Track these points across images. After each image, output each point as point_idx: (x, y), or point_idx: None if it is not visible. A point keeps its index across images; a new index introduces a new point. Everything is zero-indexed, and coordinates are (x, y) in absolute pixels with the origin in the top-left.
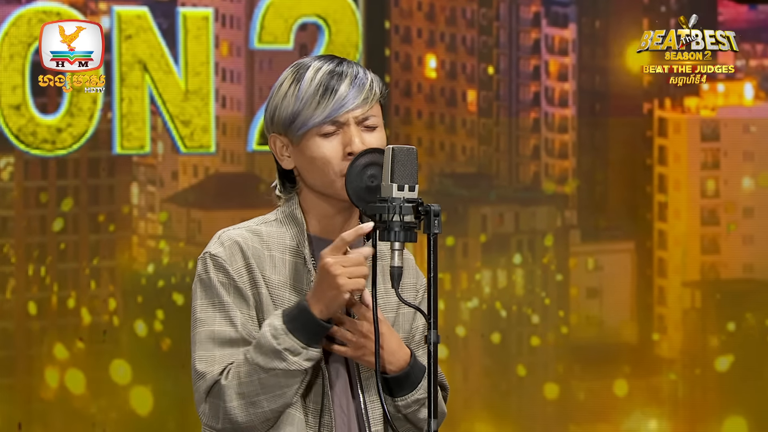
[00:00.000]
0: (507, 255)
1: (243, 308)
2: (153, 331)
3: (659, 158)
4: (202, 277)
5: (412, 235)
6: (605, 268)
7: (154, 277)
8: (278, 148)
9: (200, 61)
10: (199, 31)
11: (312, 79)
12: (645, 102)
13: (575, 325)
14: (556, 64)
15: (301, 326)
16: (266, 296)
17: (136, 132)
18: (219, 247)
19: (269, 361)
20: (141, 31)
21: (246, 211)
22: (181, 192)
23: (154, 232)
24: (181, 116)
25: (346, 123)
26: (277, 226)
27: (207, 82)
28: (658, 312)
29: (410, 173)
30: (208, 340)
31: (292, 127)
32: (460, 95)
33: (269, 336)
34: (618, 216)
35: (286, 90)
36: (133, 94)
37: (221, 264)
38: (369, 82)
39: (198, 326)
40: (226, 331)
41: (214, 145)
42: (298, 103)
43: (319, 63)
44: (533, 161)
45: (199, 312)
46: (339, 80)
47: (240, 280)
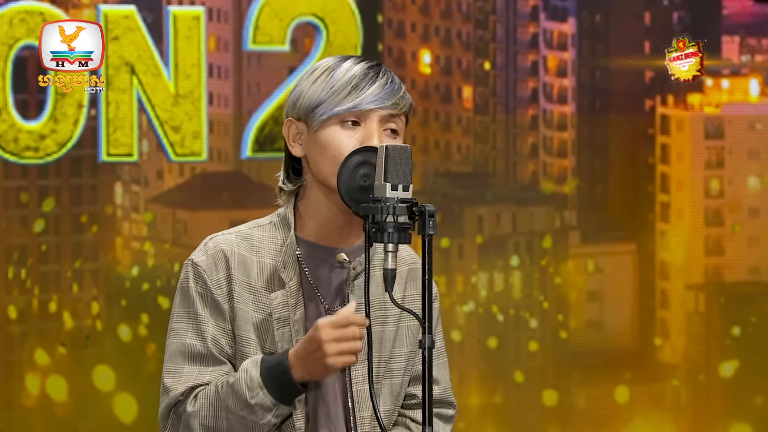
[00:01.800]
0: (504, 257)
1: (219, 321)
2: (137, 336)
3: (661, 157)
4: (183, 284)
5: (406, 237)
6: (605, 270)
7: (138, 280)
8: (292, 133)
9: (191, 62)
10: (189, 31)
11: (347, 72)
12: (647, 98)
13: (575, 330)
14: (555, 60)
15: (277, 385)
16: (243, 312)
17: (123, 138)
18: (202, 255)
19: (239, 409)
20: (128, 32)
21: (234, 212)
22: (167, 192)
23: (139, 234)
24: (170, 121)
25: (369, 118)
26: (270, 231)
27: (198, 85)
28: (661, 316)
29: (404, 172)
30: (177, 352)
31: (315, 112)
32: (456, 91)
33: (244, 386)
34: (619, 216)
35: (318, 76)
36: (120, 97)
37: (200, 274)
38: (403, 91)
39: (171, 336)
40: (196, 346)
41: (206, 152)
42: (327, 91)
43: (356, 60)
44: (531, 160)
45: (174, 321)
46: (375, 78)
47: (217, 293)
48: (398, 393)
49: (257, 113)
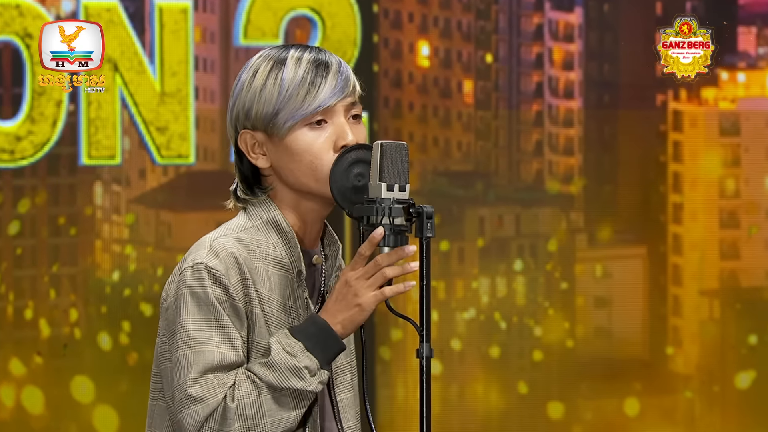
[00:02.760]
0: (507, 261)
1: (239, 328)
2: (118, 345)
3: (674, 155)
4: (196, 290)
5: (403, 239)
6: (615, 275)
7: (119, 286)
8: (249, 145)
9: (178, 58)
10: (176, 25)
11: (295, 69)
12: (658, 93)
13: (582, 338)
14: (561, 52)
15: (321, 345)
16: (259, 316)
17: (105, 140)
18: (214, 258)
19: (284, 380)
20: (110, 26)
21: (221, 213)
22: (150, 192)
23: (120, 236)
24: (156, 122)
25: (335, 112)
26: (257, 235)
27: (185, 83)
28: (673, 323)
29: (400, 171)
30: (205, 363)
31: (275, 122)
32: (456, 86)
33: (285, 355)
34: (628, 218)
35: (263, 83)
36: (102, 96)
37: (219, 279)
38: (352, 73)
39: (192, 345)
40: (227, 354)
41: (194, 154)
42: (283, 96)
43: (297, 52)
44: (536, 158)
45: (192, 329)
46: (326, 70)
47: (237, 297)
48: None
49: None
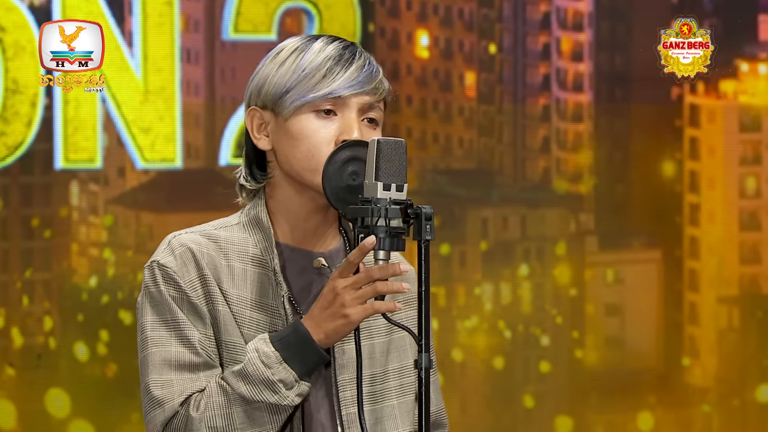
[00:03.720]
0: (511, 266)
1: (199, 326)
2: (96, 355)
3: (690, 152)
4: (150, 289)
5: (399, 243)
6: (627, 280)
7: (97, 292)
8: (256, 124)
9: (162, 53)
10: (161, 18)
11: (318, 54)
12: (674, 86)
13: (592, 348)
14: (570, 42)
15: (299, 356)
16: (226, 314)
17: (83, 141)
18: (168, 255)
19: (257, 392)
20: (89, 17)
21: (206, 214)
22: (130, 191)
23: (98, 239)
24: (139, 122)
25: (347, 105)
26: (239, 231)
27: (171, 79)
28: (690, 332)
29: (398, 170)
30: (163, 363)
31: (283, 100)
32: (457, 78)
33: (260, 364)
34: (642, 220)
35: (284, 59)
36: (81, 95)
37: (171, 276)
38: (381, 75)
39: (150, 347)
40: (184, 354)
41: (180, 157)
42: (297, 75)
43: (327, 41)
44: (542, 155)
45: (149, 330)
46: (350, 61)
47: (193, 294)
48: (410, 412)
49: (237, 112)
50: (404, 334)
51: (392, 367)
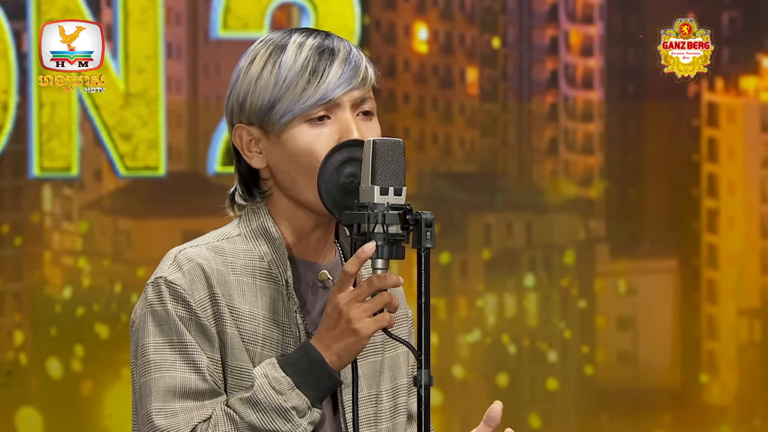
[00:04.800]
0: (517, 276)
1: (207, 349)
2: (70, 372)
3: (708, 153)
4: (156, 308)
5: (398, 251)
6: (640, 291)
7: (71, 304)
8: (245, 142)
9: (145, 53)
10: (143, 14)
11: (296, 56)
12: (690, 82)
13: (603, 365)
14: (579, 35)
15: (312, 381)
16: (233, 336)
17: (59, 148)
18: (176, 271)
19: (268, 421)
20: (66, 14)
21: (189, 220)
22: (106, 196)
23: (72, 247)
24: (119, 127)
25: (340, 106)
26: (242, 243)
27: (155, 82)
28: (708, 347)
29: (395, 172)
30: (167, 390)
31: (271, 116)
32: (458, 74)
33: (271, 390)
34: (656, 226)
35: (260, 70)
36: (57, 98)
37: (180, 294)
38: (364, 62)
39: (152, 371)
40: (190, 380)
41: (164, 165)
42: (280, 86)
43: (301, 37)
44: (549, 157)
45: (152, 353)
46: (331, 57)
47: (203, 315)
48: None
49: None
50: (397, 352)
51: (385, 387)
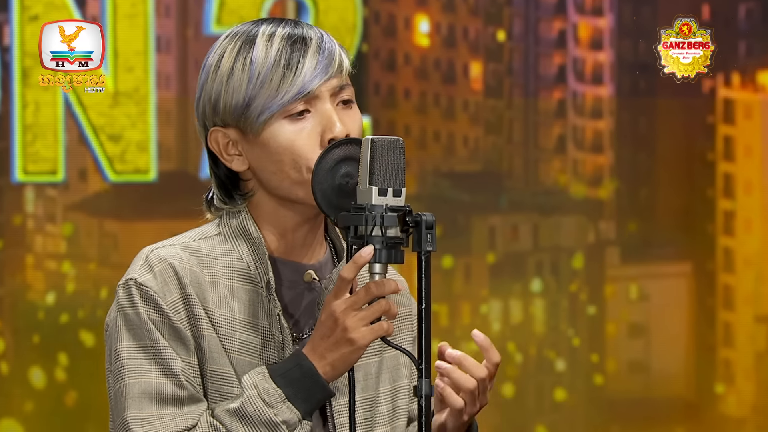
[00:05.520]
0: (523, 280)
1: (182, 353)
2: (54, 382)
3: (724, 152)
4: (127, 311)
5: (397, 255)
6: (653, 297)
7: (55, 310)
8: (221, 145)
9: (135, 50)
10: (133, 8)
11: (267, 49)
12: (705, 77)
13: (613, 374)
14: (588, 28)
15: (304, 393)
16: (212, 339)
17: (44, 151)
18: (146, 272)
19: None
20: (51, 9)
21: (178, 223)
22: (92, 197)
23: (56, 250)
24: (108, 128)
25: (319, 98)
26: (220, 243)
27: (144, 80)
28: (724, 356)
29: (395, 172)
30: (142, 396)
31: (248, 115)
32: (461, 69)
33: (261, 403)
34: (670, 229)
35: (230, 68)
36: (42, 97)
37: (151, 297)
38: (337, 48)
39: (126, 376)
40: (166, 385)
41: (155, 169)
42: (254, 83)
43: (269, 27)
44: (557, 156)
45: (125, 358)
46: (303, 47)
47: (176, 317)
48: None
49: None
50: (396, 353)
51: (383, 389)
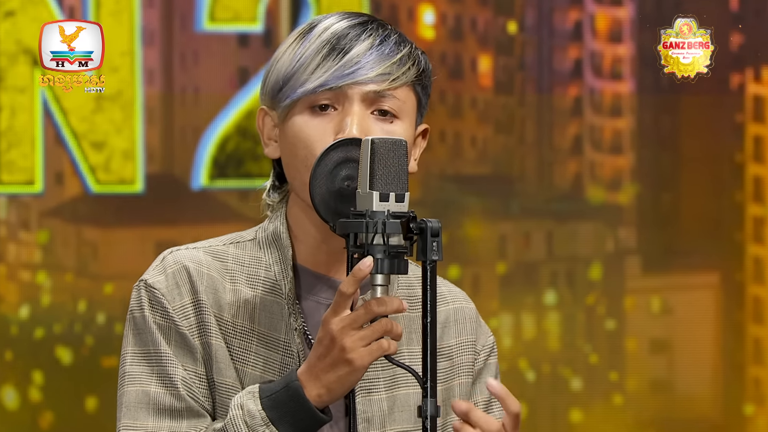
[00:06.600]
0: (536, 292)
1: (187, 362)
2: (27, 403)
3: (754, 153)
4: (135, 314)
5: (400, 264)
6: (677, 310)
7: (29, 325)
8: (267, 127)
9: (120, 50)
10: (118, 5)
11: (321, 34)
12: (734, 72)
13: (634, 393)
14: (607, 19)
15: (290, 418)
16: (219, 349)
17: (20, 159)
18: (159, 273)
19: None
20: (29, 5)
21: (165, 230)
22: (70, 202)
23: (30, 260)
24: (90, 135)
25: (348, 98)
26: (252, 249)
27: (131, 82)
28: (753, 374)
29: (397, 176)
30: (138, 405)
31: (280, 97)
32: (469, 63)
33: (242, 425)
34: (695, 236)
35: (288, 45)
36: (17, 100)
37: (158, 299)
38: (402, 55)
39: (126, 383)
40: (163, 396)
41: (142, 180)
42: (294, 64)
43: (340, 16)
44: (573, 158)
45: (129, 363)
46: (357, 40)
47: (184, 323)
48: None
49: (217, 120)
50: (409, 391)
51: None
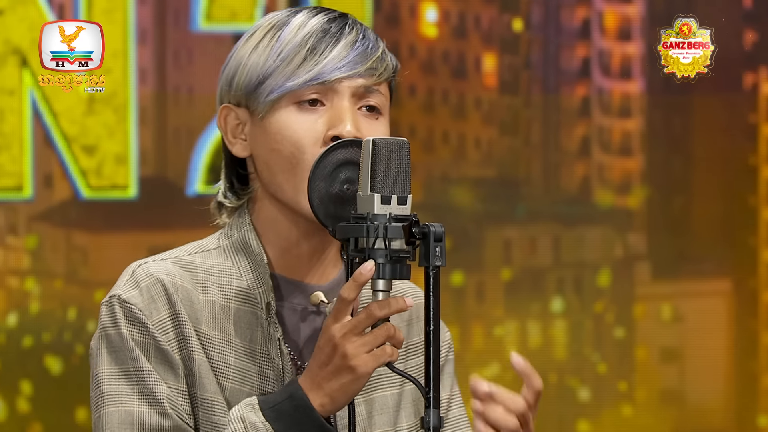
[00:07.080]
0: (542, 299)
1: (169, 378)
2: (15, 414)
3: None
4: (109, 331)
5: (402, 270)
6: (688, 318)
7: (17, 333)
8: (230, 125)
9: (112, 50)
10: (111, 4)
11: (301, 27)
12: (747, 71)
13: (643, 404)
14: (615, 16)
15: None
16: (202, 363)
17: (9, 164)
18: (132, 288)
19: None
20: (18, 5)
21: (155, 235)
22: (59, 206)
23: (18, 266)
24: (82, 138)
25: (337, 92)
26: (219, 258)
27: (124, 84)
28: (767, 384)
29: (399, 178)
30: (122, 426)
31: (259, 92)
32: (473, 62)
33: None
34: (707, 241)
35: (259, 40)
36: (6, 103)
37: (136, 315)
38: (381, 51)
39: (106, 404)
40: (149, 415)
41: (136, 185)
42: (274, 59)
43: (313, 11)
44: (581, 160)
45: (106, 384)
46: (339, 35)
47: (163, 338)
48: None
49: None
50: (386, 393)
51: (406, 425)
